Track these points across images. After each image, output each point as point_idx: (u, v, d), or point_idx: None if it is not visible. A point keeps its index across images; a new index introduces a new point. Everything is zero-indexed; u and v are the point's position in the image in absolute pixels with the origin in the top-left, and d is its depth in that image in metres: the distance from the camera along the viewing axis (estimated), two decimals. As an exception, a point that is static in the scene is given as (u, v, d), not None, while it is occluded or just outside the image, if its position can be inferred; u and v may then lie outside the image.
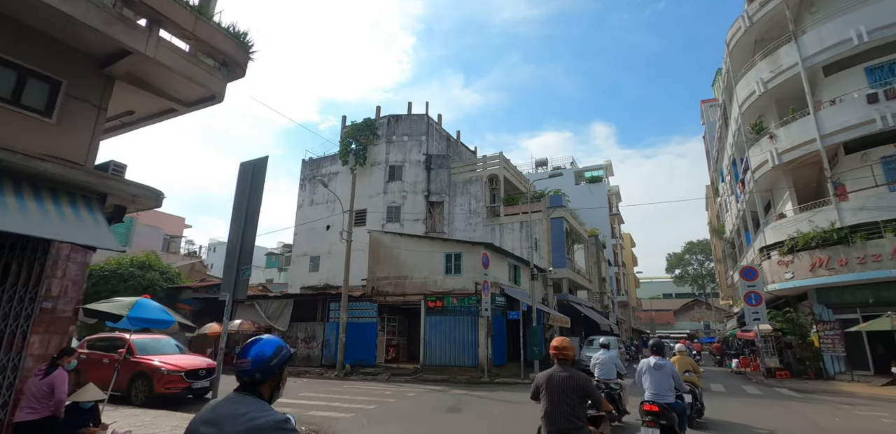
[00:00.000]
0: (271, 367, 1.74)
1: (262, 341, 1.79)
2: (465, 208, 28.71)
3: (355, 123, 31.09)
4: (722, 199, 34.07)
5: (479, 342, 17.04)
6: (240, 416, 1.58)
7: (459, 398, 11.49)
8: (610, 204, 51.78)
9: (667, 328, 72.95)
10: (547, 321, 18.94)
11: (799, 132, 17.58)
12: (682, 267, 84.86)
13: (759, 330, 18.11)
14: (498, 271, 19.61)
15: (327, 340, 19.45)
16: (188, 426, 1.67)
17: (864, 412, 9.80)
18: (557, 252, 24.97)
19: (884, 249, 14.28)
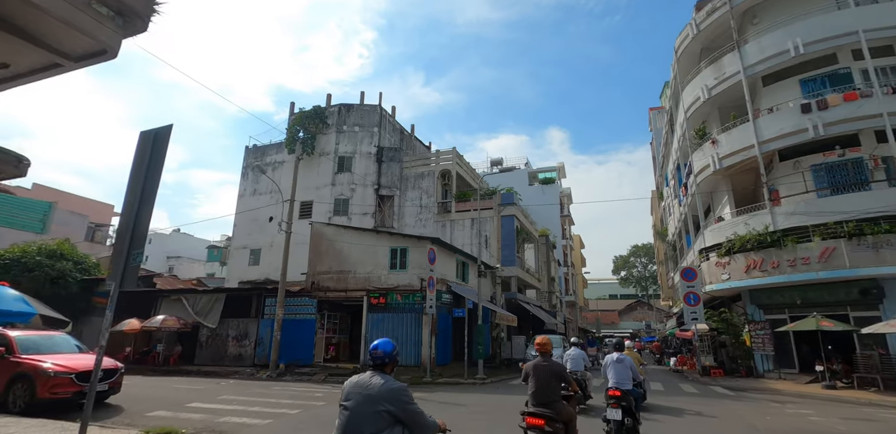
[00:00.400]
0: (393, 355, 2.87)
1: (385, 341, 2.91)
2: (416, 203, 27.99)
3: (304, 111, 29.64)
4: (666, 203, 35.27)
5: (422, 341, 16.42)
6: (379, 383, 2.65)
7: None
8: (561, 205, 52.68)
9: (612, 328, 75.41)
10: (494, 319, 18.60)
11: (739, 138, 18.16)
12: (628, 269, 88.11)
13: (697, 329, 18.57)
14: (445, 268, 19.07)
15: (261, 338, 18.19)
16: (343, 388, 2.73)
17: (792, 410, 9.96)
18: (507, 250, 24.77)
19: (812, 253, 14.89)
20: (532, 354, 18.19)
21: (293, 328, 17.81)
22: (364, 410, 2.57)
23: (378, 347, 2.85)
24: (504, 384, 15.05)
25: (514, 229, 25.21)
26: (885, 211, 14.25)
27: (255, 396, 10.99)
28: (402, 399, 2.65)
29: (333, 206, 27.73)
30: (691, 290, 18.71)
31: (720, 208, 21.11)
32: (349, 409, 2.62)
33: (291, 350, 17.48)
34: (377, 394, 2.60)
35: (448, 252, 19.56)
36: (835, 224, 14.67)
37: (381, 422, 2.56)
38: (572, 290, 51.13)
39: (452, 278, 19.54)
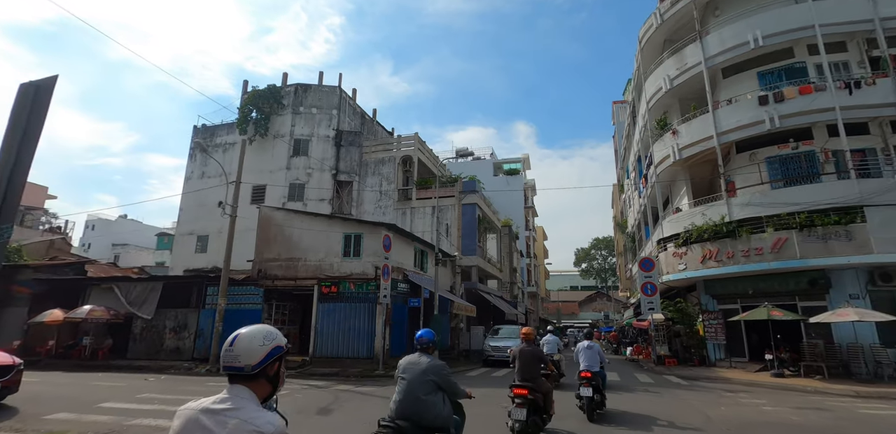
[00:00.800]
0: (434, 341, 4.04)
1: (427, 331, 4.13)
2: (375, 190, 27.01)
3: (257, 89, 27.93)
4: (626, 195, 35.69)
5: (376, 332, 15.66)
6: (426, 361, 3.80)
7: (339, 396, 10.04)
8: (525, 197, 52.76)
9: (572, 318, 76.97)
10: (452, 309, 18.07)
11: (698, 129, 18.18)
12: (588, 261, 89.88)
13: (653, 319, 18.65)
14: (402, 256, 18.32)
15: (201, 330, 16.95)
16: (400, 365, 3.88)
17: (745, 400, 9.87)
18: (468, 239, 24.24)
19: (765, 243, 15.04)
20: (490, 345, 17.91)
21: (237, 319, 16.63)
22: (417, 379, 3.70)
23: (423, 336, 4.05)
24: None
25: (475, 218, 24.68)
26: (835, 203, 14.50)
27: (183, 394, 9.96)
28: (442, 373, 3.79)
29: (288, 191, 26.37)
30: (649, 281, 18.72)
31: (678, 199, 21.27)
32: (406, 380, 3.76)
33: (235, 342, 16.34)
34: (426, 368, 3.75)
35: (405, 240, 18.80)
36: (787, 215, 14.84)
37: (428, 388, 3.68)
38: (534, 282, 51.53)
39: (410, 267, 18.83)
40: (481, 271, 26.34)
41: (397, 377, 3.83)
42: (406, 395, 3.64)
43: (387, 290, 15.21)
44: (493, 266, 28.14)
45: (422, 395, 3.59)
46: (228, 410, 1.43)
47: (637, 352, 22.99)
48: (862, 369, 13.31)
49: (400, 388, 3.72)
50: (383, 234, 15.68)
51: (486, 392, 9.58)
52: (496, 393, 9.49)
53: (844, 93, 15.62)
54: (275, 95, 28.07)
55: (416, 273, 18.87)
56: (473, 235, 24.35)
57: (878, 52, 16.73)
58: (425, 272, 20.18)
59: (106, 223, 72.54)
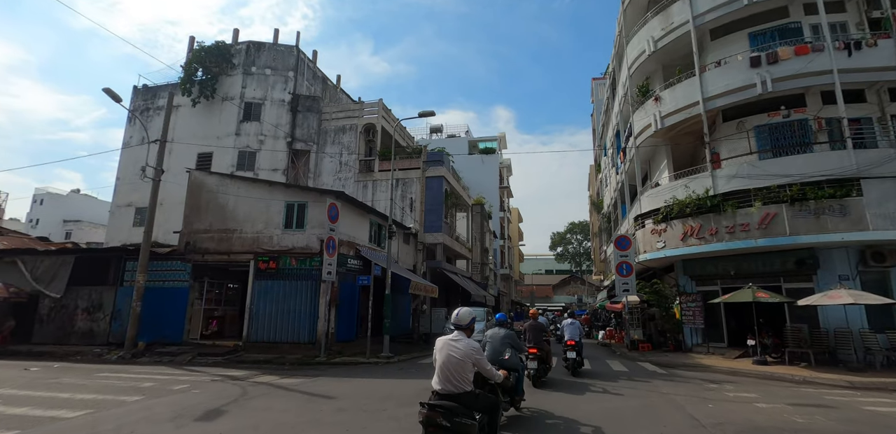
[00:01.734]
0: (507, 320, 7.25)
1: (501, 313, 7.97)
2: (335, 160, 24.75)
3: (204, 46, 25.03)
4: (603, 174, 34.29)
5: (319, 313, 13.79)
6: (505, 331, 6.52)
7: (249, 391, 8.18)
8: (501, 176, 51.09)
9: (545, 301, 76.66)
10: (411, 289, 16.26)
11: (683, 94, 16.55)
12: (564, 245, 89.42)
13: (627, 301, 17.31)
14: (356, 229, 16.36)
15: (119, 311, 14.77)
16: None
17: (733, 394, 8.44)
18: (434, 215, 22.37)
19: (752, 219, 13.65)
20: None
21: (160, 298, 14.53)
22: (499, 342, 6.16)
23: (500, 318, 7.13)
24: (413, 364, 12.85)
25: (442, 192, 22.78)
26: (829, 175, 13.14)
27: (49, 390, 7.93)
28: (516, 338, 6.31)
29: (237, 159, 23.91)
30: (624, 260, 17.31)
31: (658, 174, 19.79)
32: (490, 342, 6.19)
33: (157, 325, 14.28)
34: (504, 335, 6.30)
35: (359, 211, 16.81)
36: (778, 188, 13.45)
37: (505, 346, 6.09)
38: (508, 264, 50.32)
39: (364, 242, 16.90)
40: (448, 250, 24.61)
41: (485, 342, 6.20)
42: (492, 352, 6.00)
43: (332, 267, 13.32)
44: (462, 245, 26.45)
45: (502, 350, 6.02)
46: (460, 340, 3.79)
47: (609, 336, 21.83)
48: (851, 356, 12.17)
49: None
50: (328, 203, 13.65)
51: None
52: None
53: (843, 54, 14.13)
54: (223, 54, 25.23)
55: (371, 249, 16.97)
56: (439, 211, 22.49)
57: (879, 13, 15.31)
58: (382, 248, 18.29)
59: (57, 198, 67.86)
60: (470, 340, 3.85)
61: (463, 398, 3.63)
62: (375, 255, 16.62)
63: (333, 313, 14.18)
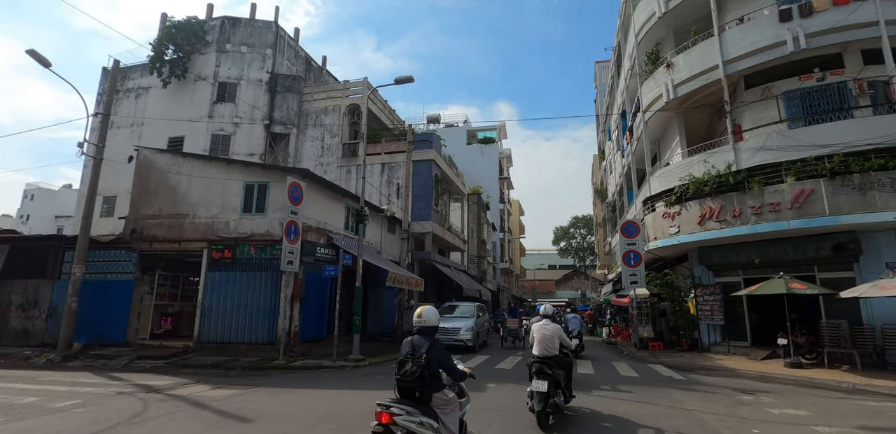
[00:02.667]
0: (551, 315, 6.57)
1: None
2: (317, 144, 22.89)
3: (175, 21, 23.13)
4: (607, 161, 32.21)
5: (281, 309, 11.95)
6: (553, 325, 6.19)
7: (146, 411, 6.32)
8: (500, 167, 49.09)
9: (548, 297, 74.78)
10: (391, 282, 14.40)
11: (700, 58, 14.51)
12: (567, 240, 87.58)
13: (635, 295, 15.38)
14: (328, 214, 14.49)
15: (56, 307, 12.99)
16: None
17: (777, 409, 6.51)
18: (422, 202, 20.45)
19: (783, 197, 11.66)
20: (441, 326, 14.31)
21: (101, 293, 12.75)
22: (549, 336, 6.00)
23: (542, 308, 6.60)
24: (385, 368, 10.97)
25: (431, 177, 20.85)
26: (878, 143, 11.11)
27: None
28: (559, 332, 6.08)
29: (210, 144, 22.05)
30: (631, 249, 15.39)
31: (669, 153, 17.78)
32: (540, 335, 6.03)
33: (96, 323, 12.51)
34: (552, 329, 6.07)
35: (333, 195, 14.93)
36: (815, 160, 11.43)
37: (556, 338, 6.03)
38: (508, 258, 48.41)
39: (339, 229, 15.03)
40: (440, 241, 22.71)
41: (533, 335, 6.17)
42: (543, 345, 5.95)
43: (293, 256, 11.46)
44: (455, 236, 24.52)
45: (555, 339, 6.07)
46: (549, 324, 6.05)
47: (615, 333, 19.92)
48: (905, 358, 10.22)
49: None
50: (290, 183, 11.76)
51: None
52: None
53: (890, 3, 12.07)
54: (196, 30, 23.33)
55: (346, 237, 15.11)
56: (428, 198, 20.57)
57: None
58: (364, 237, 16.41)
59: (47, 193, 66.59)
60: (554, 324, 6.15)
61: (553, 359, 5.81)
62: (350, 243, 14.76)
63: (298, 309, 12.34)
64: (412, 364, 3.51)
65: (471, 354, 13.46)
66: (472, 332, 13.94)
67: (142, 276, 13.38)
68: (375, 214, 17.76)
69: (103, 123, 13.21)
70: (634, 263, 15.30)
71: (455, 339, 13.74)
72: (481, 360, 12.54)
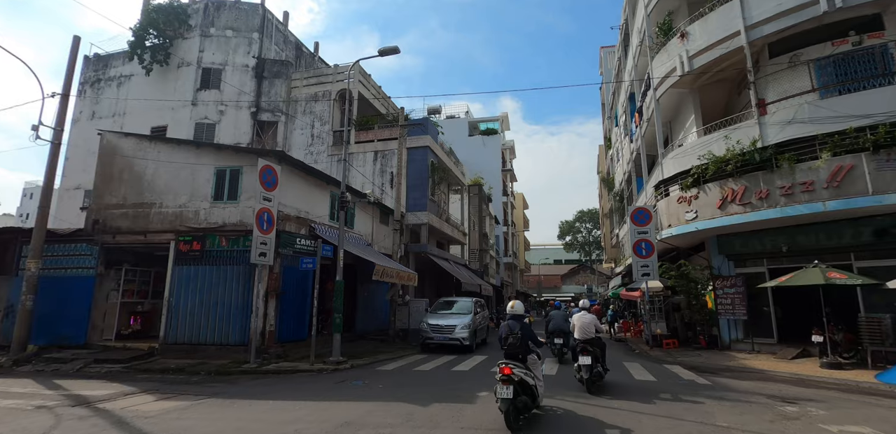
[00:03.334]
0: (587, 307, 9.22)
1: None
2: (306, 133, 21.69)
3: (157, 5, 21.93)
4: (614, 149, 30.73)
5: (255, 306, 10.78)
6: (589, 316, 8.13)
7: (60, 426, 5.15)
8: (504, 159, 47.74)
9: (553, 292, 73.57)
10: (379, 275, 13.17)
11: (718, 25, 13.09)
12: (573, 234, 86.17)
13: (647, 288, 14.09)
14: (310, 202, 13.28)
15: (13, 306, 11.90)
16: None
17: (836, 426, 5.21)
18: (417, 192, 19.21)
19: (818, 175, 10.30)
20: (429, 323, 13.10)
21: (61, 290, 11.64)
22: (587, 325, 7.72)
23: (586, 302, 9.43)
24: (367, 372, 9.78)
25: (427, 165, 19.57)
26: (929, 111, 9.70)
27: None
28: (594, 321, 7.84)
29: (194, 133, 20.90)
30: (643, 238, 14.09)
31: (683, 134, 16.38)
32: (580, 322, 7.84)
33: (56, 323, 11.44)
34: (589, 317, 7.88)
35: (315, 181, 13.70)
36: (856, 131, 10.04)
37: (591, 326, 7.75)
38: (512, 252, 47.11)
39: (324, 219, 13.82)
40: (438, 234, 21.47)
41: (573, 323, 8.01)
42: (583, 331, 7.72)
43: (267, 246, 10.31)
44: (455, 228, 23.26)
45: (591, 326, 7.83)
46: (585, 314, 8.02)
47: (625, 329, 18.63)
48: (966, 357, 8.87)
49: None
50: (261, 166, 10.54)
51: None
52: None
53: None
54: (179, 14, 22.13)
55: (332, 227, 13.91)
56: (424, 187, 19.30)
57: None
58: (352, 228, 15.22)
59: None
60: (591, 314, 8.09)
61: (591, 340, 7.57)
62: (334, 234, 13.58)
63: (274, 306, 11.17)
64: (513, 338, 5.48)
65: (467, 355, 12.23)
66: (468, 331, 12.71)
67: (106, 271, 12.26)
68: (367, 205, 16.54)
69: (62, 106, 12.03)
70: (646, 253, 14.00)
71: (450, 338, 12.54)
72: (478, 361, 11.31)
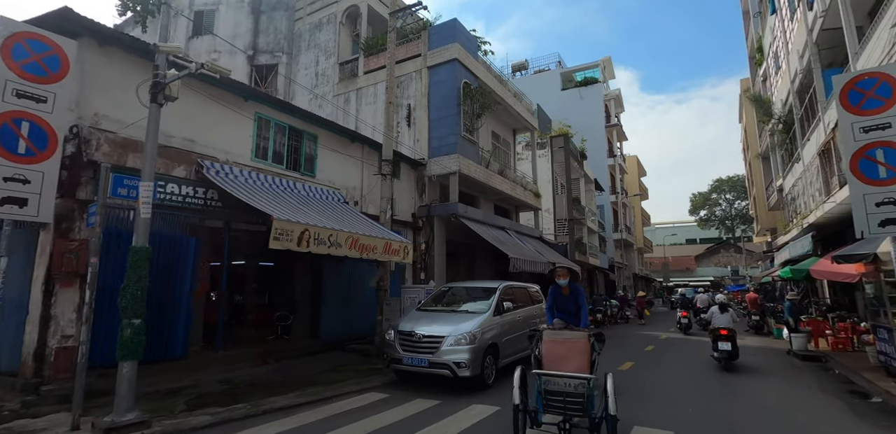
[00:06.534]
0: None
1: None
2: (310, 73, 16.65)
3: (137, -57, 18.53)
4: (769, 58, 20.55)
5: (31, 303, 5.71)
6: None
7: None
8: (608, 113, 38.62)
9: (685, 275, 61.55)
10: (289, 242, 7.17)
11: None
12: (709, 207, 71.41)
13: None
14: (207, 126, 7.84)
15: None
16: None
17: None
18: (444, 127, 12.90)
19: None
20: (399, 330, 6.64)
21: None
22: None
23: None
24: None
25: (456, 87, 13.10)
26: None
27: None
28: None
29: (182, 89, 17.11)
30: (881, 141, 6.24)
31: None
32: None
33: None
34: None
35: (216, 93, 8.15)
36: None
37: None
38: (624, 226, 37.98)
39: (242, 157, 8.34)
40: (483, 189, 14.87)
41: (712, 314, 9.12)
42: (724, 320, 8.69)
43: (33, 187, 5.07)
44: (514, 184, 16.28)
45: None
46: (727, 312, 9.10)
47: (817, 332, 10.43)
48: None
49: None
50: (11, 34, 5.28)
51: None
52: None
53: None
54: (167, -49, 18.52)
55: (255, 169, 8.39)
56: (453, 120, 12.87)
57: None
58: (305, 175, 9.58)
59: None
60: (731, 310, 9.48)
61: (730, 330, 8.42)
62: (264, 181, 8.04)
63: (75, 303, 5.96)
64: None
65: (468, 397, 5.86)
66: (469, 348, 6.19)
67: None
68: (348, 142, 10.83)
69: None
70: (889, 176, 6.11)
71: (432, 363, 6.20)
72: (478, 419, 4.91)
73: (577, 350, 4.46)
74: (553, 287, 5.63)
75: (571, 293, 5.54)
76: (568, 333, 4.65)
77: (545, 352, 4.53)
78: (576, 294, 5.52)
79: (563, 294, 5.56)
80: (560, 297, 5.60)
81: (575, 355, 4.43)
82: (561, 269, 5.58)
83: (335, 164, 10.29)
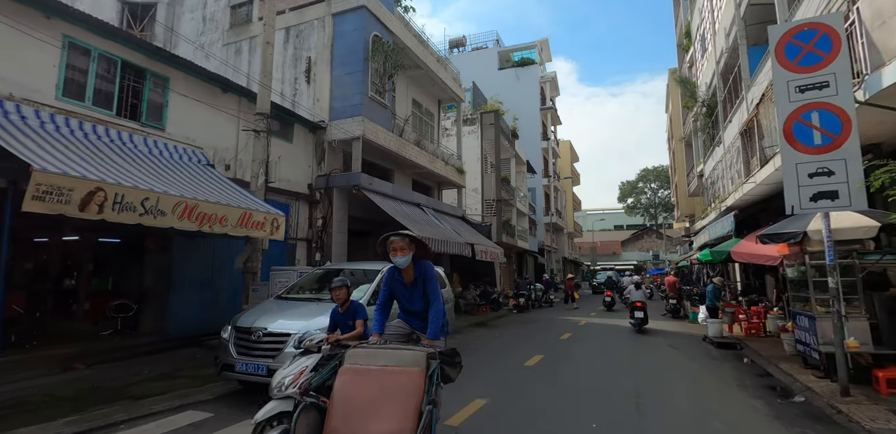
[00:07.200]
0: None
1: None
2: (196, 16, 14.03)
3: None
4: (697, 40, 20.42)
5: None
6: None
7: None
8: (543, 96, 38.06)
9: (612, 259, 63.87)
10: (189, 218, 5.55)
11: None
12: (636, 195, 74.97)
13: (829, 231, 5.36)
14: None
15: None
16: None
17: None
18: (347, 86, 11.13)
19: None
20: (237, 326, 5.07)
21: None
22: None
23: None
24: None
25: (363, 41, 11.29)
26: None
27: None
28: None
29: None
30: (816, 101, 5.32)
31: None
32: None
33: None
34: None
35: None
36: None
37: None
38: (555, 210, 38.05)
39: (42, 96, 6.17)
40: (398, 161, 13.32)
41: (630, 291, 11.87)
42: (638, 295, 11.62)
43: None
44: (433, 156, 14.86)
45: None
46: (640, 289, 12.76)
47: (736, 319, 10.03)
48: None
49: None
50: None
51: None
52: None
53: None
54: None
55: (65, 113, 6.24)
56: (359, 75, 11.12)
57: None
58: (160, 128, 7.51)
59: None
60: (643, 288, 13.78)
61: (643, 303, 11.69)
62: (73, 127, 5.93)
63: None
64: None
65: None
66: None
67: None
68: (218, 92, 8.78)
69: None
70: (821, 142, 5.27)
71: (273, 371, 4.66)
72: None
73: (399, 388, 2.66)
74: (389, 271, 3.60)
75: (417, 278, 3.46)
76: (387, 354, 2.81)
77: (340, 391, 2.70)
78: (423, 279, 3.44)
79: (404, 281, 3.50)
80: (399, 287, 3.53)
81: (391, 399, 2.62)
82: (397, 239, 3.34)
83: (197, 117, 8.24)
